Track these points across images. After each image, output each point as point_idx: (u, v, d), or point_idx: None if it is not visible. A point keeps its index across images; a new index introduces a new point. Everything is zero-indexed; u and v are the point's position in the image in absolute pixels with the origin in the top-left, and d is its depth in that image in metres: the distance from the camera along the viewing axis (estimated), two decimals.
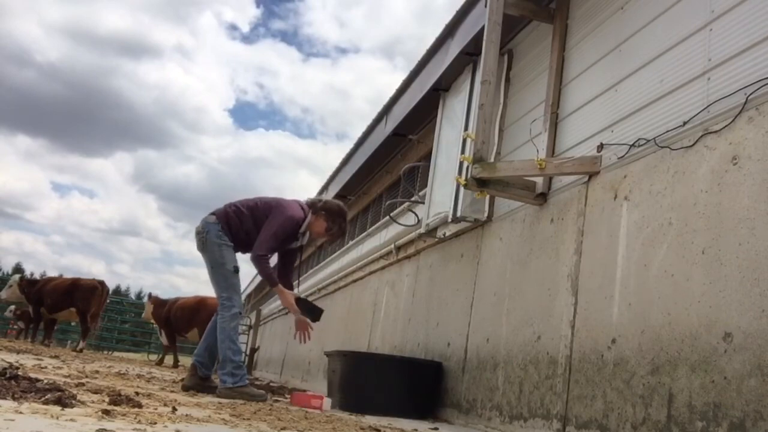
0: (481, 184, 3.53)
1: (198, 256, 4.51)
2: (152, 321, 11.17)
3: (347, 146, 9.21)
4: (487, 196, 4.16)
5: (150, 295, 10.66)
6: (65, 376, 3.68)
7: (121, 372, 5.32)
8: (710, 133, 2.47)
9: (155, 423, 2.04)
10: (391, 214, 6.16)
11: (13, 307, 13.54)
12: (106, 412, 2.06)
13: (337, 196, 9.99)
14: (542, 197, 3.61)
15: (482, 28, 3.93)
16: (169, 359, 10.35)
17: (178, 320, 9.88)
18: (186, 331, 9.93)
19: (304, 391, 4.06)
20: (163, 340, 10.53)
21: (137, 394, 3.04)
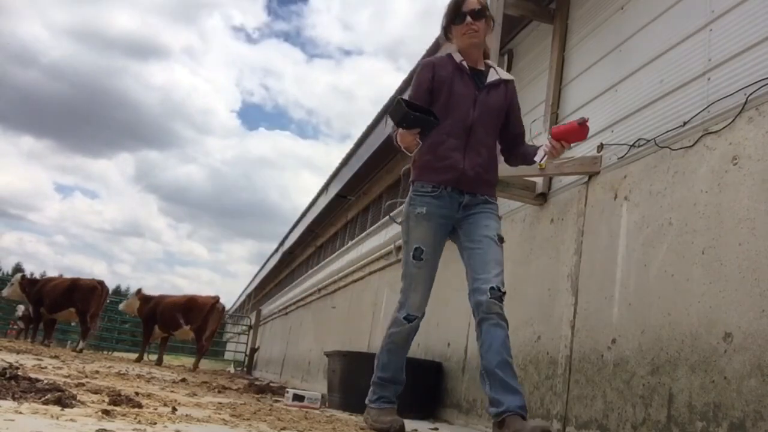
0: None
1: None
2: (131, 314, 11.22)
3: (349, 146, 9.22)
4: None
5: (139, 291, 10.68)
6: (65, 376, 3.68)
7: (121, 372, 5.32)
8: (710, 133, 2.47)
9: (155, 423, 2.04)
10: (391, 214, 6.16)
11: (22, 306, 13.51)
12: (106, 412, 2.06)
13: (338, 196, 10.01)
14: (542, 197, 3.61)
15: None
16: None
17: (167, 318, 9.88)
18: (175, 329, 9.95)
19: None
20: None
21: (137, 394, 3.03)
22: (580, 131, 2.52)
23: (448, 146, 2.68)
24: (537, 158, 2.66)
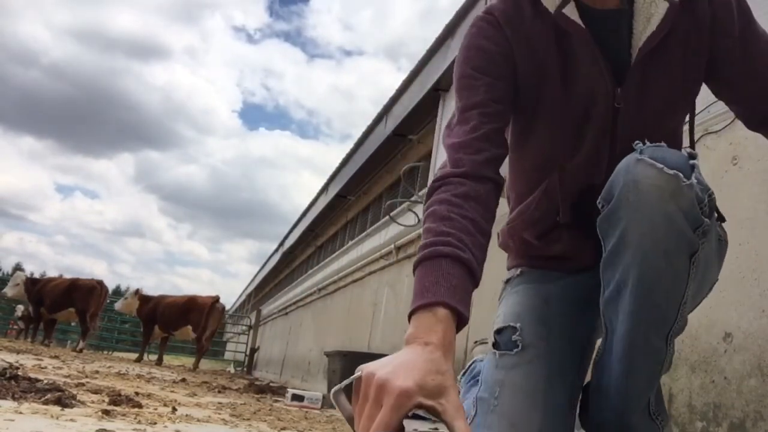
0: None
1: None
2: (129, 314, 11.23)
3: (349, 146, 9.24)
4: None
5: (138, 291, 10.68)
6: (65, 376, 3.68)
7: (121, 372, 5.32)
8: (710, 133, 2.47)
9: (155, 423, 2.04)
10: (391, 214, 6.17)
11: (22, 306, 13.52)
12: (106, 412, 2.06)
13: (338, 196, 10.02)
14: None
15: None
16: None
17: (167, 318, 9.89)
18: (175, 329, 9.96)
19: None
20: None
21: (137, 394, 3.03)
22: None
23: (560, 232, 1.23)
24: None
